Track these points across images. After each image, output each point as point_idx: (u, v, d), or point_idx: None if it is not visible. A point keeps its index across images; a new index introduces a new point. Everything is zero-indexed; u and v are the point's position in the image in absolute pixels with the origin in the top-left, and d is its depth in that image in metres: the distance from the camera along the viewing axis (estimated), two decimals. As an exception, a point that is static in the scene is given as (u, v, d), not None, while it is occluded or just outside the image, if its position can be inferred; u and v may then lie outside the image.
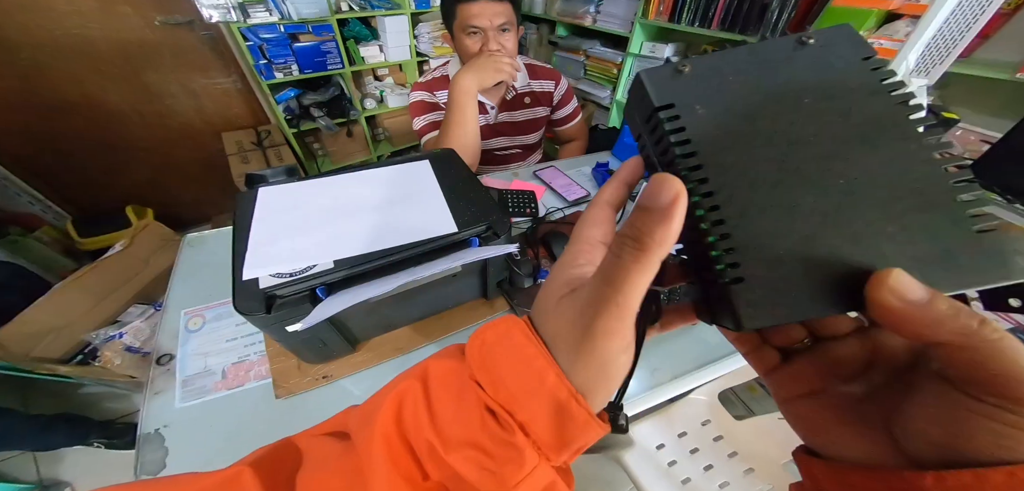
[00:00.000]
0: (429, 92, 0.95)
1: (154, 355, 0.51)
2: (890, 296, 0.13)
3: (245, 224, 0.42)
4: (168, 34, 1.58)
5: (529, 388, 0.15)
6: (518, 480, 0.15)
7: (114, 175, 1.75)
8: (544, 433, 0.15)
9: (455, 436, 0.16)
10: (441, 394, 0.17)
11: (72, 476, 1.14)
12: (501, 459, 0.15)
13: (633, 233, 0.13)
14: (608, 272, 0.14)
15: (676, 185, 0.13)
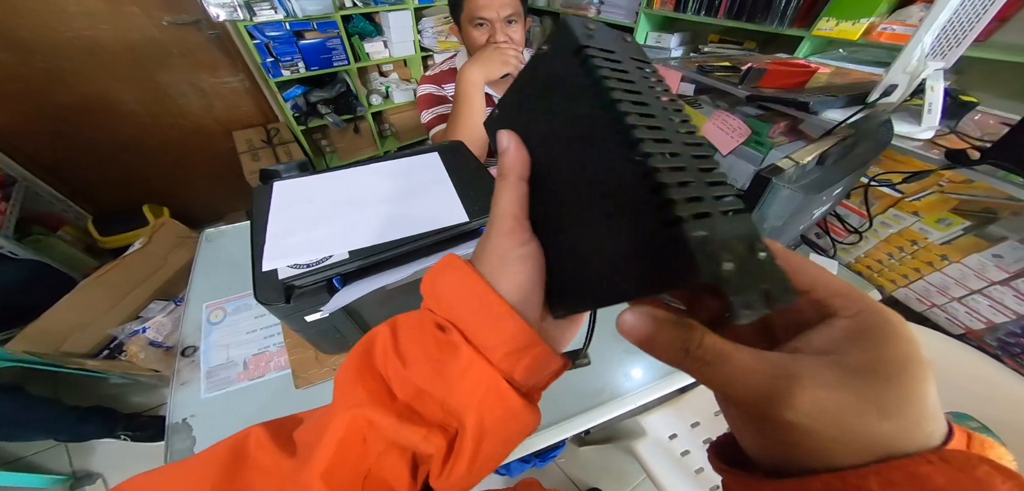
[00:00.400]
0: (437, 85, 0.96)
1: (179, 347, 0.53)
2: (628, 337, 0.15)
3: (262, 218, 0.44)
4: (176, 34, 1.60)
5: (461, 296, 0.19)
6: (458, 372, 0.18)
7: (130, 175, 1.79)
8: (478, 331, 0.18)
9: (414, 356, 0.19)
10: (404, 331, 0.20)
11: (102, 468, 1.19)
12: (445, 359, 0.18)
13: (497, 170, 0.20)
14: (493, 198, 0.20)
15: (503, 135, 0.20)
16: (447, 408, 0.18)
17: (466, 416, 0.18)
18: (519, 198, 0.19)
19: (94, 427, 1.13)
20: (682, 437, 0.81)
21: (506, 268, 0.19)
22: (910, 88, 0.72)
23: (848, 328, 0.13)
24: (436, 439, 0.18)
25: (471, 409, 0.18)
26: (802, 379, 0.12)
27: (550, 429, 0.47)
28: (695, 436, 0.81)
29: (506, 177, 0.19)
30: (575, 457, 1.20)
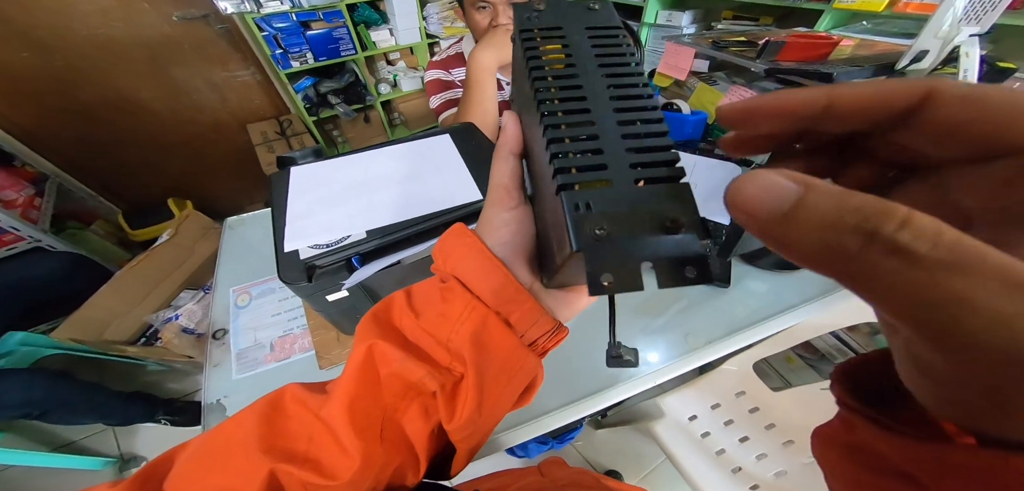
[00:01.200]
0: (444, 70, 0.95)
1: (210, 330, 0.56)
2: (740, 217, 0.09)
3: (281, 202, 0.45)
4: (186, 29, 1.62)
5: (460, 252, 0.21)
6: (457, 315, 0.20)
7: (154, 170, 1.85)
8: (472, 278, 0.21)
9: (423, 308, 0.22)
10: (417, 291, 0.23)
11: (146, 451, 1.27)
12: (446, 303, 0.21)
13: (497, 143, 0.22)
14: (491, 171, 0.22)
15: (506, 115, 0.22)
16: (452, 349, 0.20)
17: (467, 353, 0.20)
18: (509, 170, 0.21)
19: (137, 411, 1.20)
20: (702, 419, 0.79)
21: (494, 229, 0.21)
22: (942, 54, 0.68)
23: None
24: (440, 377, 0.21)
25: (469, 345, 0.20)
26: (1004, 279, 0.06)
27: (567, 408, 0.48)
28: (715, 418, 0.79)
29: (499, 151, 0.22)
30: (592, 440, 1.21)
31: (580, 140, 0.14)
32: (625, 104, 0.15)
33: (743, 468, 0.72)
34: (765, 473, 0.71)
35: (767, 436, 0.74)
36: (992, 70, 0.79)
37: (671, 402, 0.80)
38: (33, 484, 1.18)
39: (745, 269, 0.61)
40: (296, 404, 0.22)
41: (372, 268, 0.36)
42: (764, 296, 0.57)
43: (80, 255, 1.44)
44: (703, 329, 0.53)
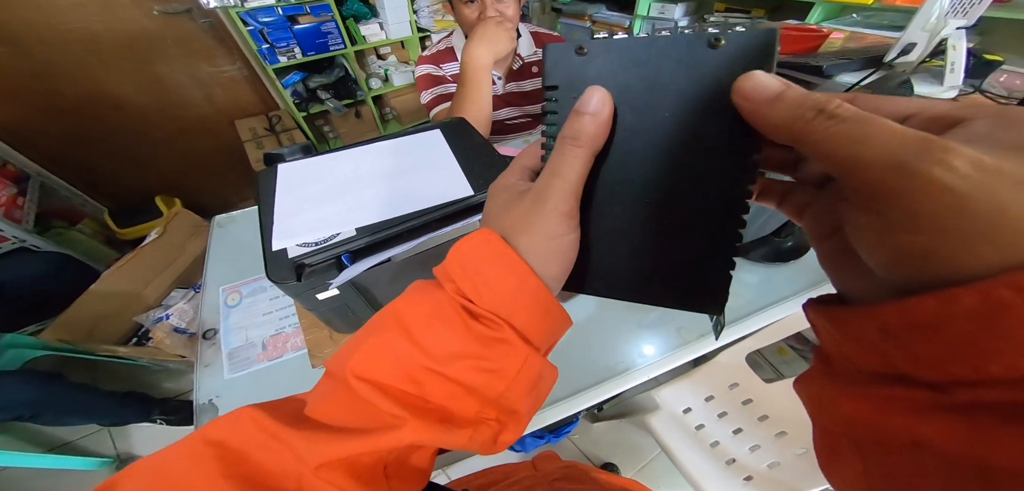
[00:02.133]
0: (435, 65, 0.94)
1: (200, 330, 0.55)
2: (740, 100, 0.14)
3: (269, 199, 0.44)
4: (168, 24, 1.58)
5: (511, 289, 0.17)
6: (516, 369, 0.18)
7: (141, 168, 1.81)
8: (528, 327, 0.18)
9: (449, 353, 0.17)
10: (423, 328, 0.18)
11: (142, 451, 1.26)
12: (497, 355, 0.17)
13: (571, 133, 0.17)
14: (554, 165, 0.17)
15: (601, 93, 0.17)
16: (503, 403, 0.18)
17: (520, 405, 0.19)
18: (586, 175, 0.17)
19: (132, 411, 1.19)
20: (696, 411, 0.80)
21: (554, 252, 0.18)
22: (929, 47, 0.69)
23: (991, 122, 0.10)
24: (483, 433, 0.18)
25: (524, 398, 0.19)
26: (962, 144, 0.09)
27: (564, 402, 0.48)
28: (710, 410, 0.80)
29: (583, 146, 0.17)
30: (589, 433, 1.22)
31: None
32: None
33: (737, 460, 0.73)
34: (759, 465, 0.72)
35: (760, 428, 0.75)
36: (979, 62, 0.81)
37: (665, 395, 0.81)
38: (29, 485, 1.16)
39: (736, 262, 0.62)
40: (264, 437, 0.18)
41: (361, 266, 0.36)
42: (756, 288, 0.58)
43: (66, 255, 1.41)
44: (696, 322, 0.54)
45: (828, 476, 0.16)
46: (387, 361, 0.18)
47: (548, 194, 0.17)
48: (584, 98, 0.17)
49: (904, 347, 0.11)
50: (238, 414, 0.18)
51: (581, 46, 0.17)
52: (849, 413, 0.13)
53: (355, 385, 0.18)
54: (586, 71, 0.17)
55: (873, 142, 0.10)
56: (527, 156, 0.21)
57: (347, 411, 0.18)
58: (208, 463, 0.16)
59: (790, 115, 0.12)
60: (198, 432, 0.18)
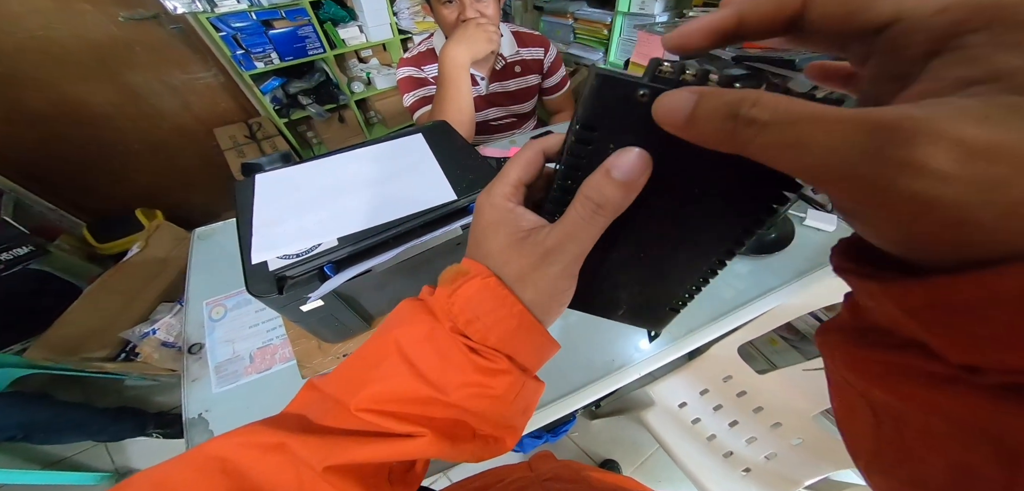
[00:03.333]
0: (416, 67, 0.93)
1: (185, 345, 0.53)
2: (668, 119, 0.12)
3: (247, 211, 0.43)
4: (135, 30, 1.52)
5: (508, 327, 0.18)
6: (515, 394, 0.20)
7: (118, 180, 1.75)
8: (523, 357, 0.20)
9: (450, 382, 0.18)
10: (425, 358, 0.19)
11: (141, 465, 1.24)
12: (498, 384, 0.19)
13: (598, 198, 0.15)
14: (571, 228, 0.17)
15: (643, 160, 0.14)
16: (504, 423, 0.20)
17: (518, 421, 0.21)
18: (599, 236, 0.17)
19: (127, 426, 1.17)
20: (692, 405, 0.80)
21: (557, 304, 0.19)
22: None
23: (992, 34, 0.08)
24: (483, 448, 0.20)
25: (521, 415, 0.21)
26: (935, 119, 0.07)
27: (560, 401, 0.48)
28: (705, 403, 0.80)
29: (607, 215, 0.16)
30: (588, 430, 1.22)
31: None
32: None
33: (734, 452, 0.73)
34: (756, 456, 0.72)
35: (755, 419, 0.75)
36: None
37: (660, 390, 0.81)
38: (25, 503, 1.13)
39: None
40: (266, 450, 0.18)
41: (342, 278, 0.35)
42: (745, 279, 0.59)
43: (44, 272, 1.36)
44: (685, 316, 0.55)
45: (842, 430, 0.16)
46: (396, 397, 0.19)
47: (560, 257, 0.17)
48: (623, 162, 0.14)
49: (928, 322, 0.10)
50: (244, 431, 0.19)
51: (642, 90, 0.13)
52: (869, 373, 0.13)
53: (364, 417, 0.19)
54: (631, 118, 0.14)
55: (814, 149, 0.09)
56: (520, 168, 0.19)
57: (355, 425, 0.19)
58: (213, 477, 0.17)
59: (715, 131, 0.11)
60: (200, 447, 0.18)
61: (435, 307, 0.19)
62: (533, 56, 0.99)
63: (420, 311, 0.20)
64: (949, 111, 0.07)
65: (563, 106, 1.11)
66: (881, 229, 0.10)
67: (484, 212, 0.20)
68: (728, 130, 0.10)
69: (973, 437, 0.10)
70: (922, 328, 0.10)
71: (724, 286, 0.58)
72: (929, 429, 0.11)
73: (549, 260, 0.17)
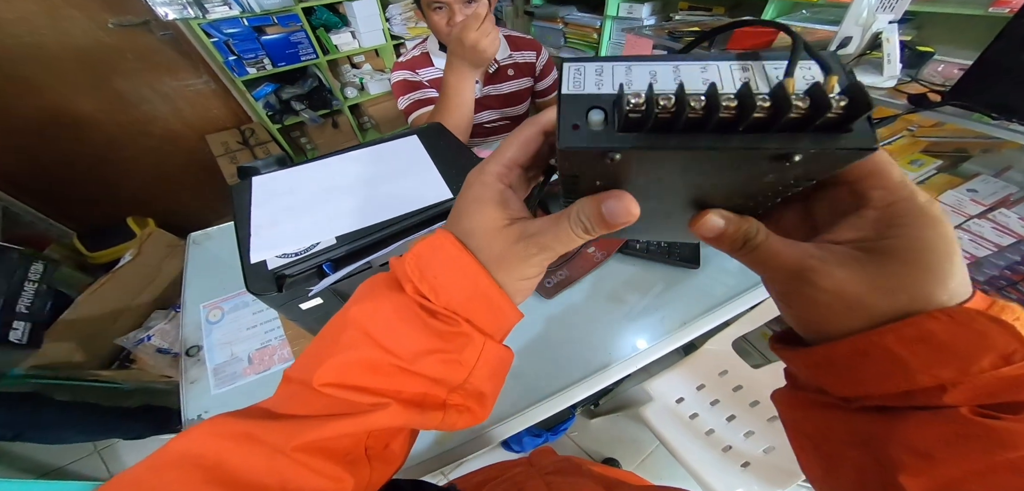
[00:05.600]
0: (411, 70, 0.94)
1: (182, 348, 0.54)
2: (705, 231, 0.18)
3: (244, 212, 0.43)
4: (125, 37, 1.51)
5: (466, 290, 0.19)
6: (476, 357, 0.20)
7: (109, 188, 1.72)
8: (484, 321, 0.20)
9: (409, 347, 0.19)
10: (382, 325, 0.19)
11: None
12: (456, 348, 0.19)
13: (586, 222, 0.17)
14: (557, 233, 0.18)
15: (630, 209, 0.16)
16: (468, 388, 0.20)
17: (485, 387, 0.21)
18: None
19: (143, 424, 1.15)
20: (689, 400, 0.80)
21: (525, 289, 0.20)
22: (865, 39, 0.75)
23: (877, 219, 0.15)
24: (453, 416, 0.20)
25: (487, 381, 0.21)
26: (826, 263, 0.15)
27: (555, 397, 0.49)
28: (702, 398, 0.80)
29: (589, 236, 0.18)
30: (587, 429, 1.21)
31: None
32: None
33: (733, 446, 0.74)
34: (754, 450, 0.73)
35: (752, 413, 0.76)
36: (913, 54, 0.88)
37: (657, 386, 0.82)
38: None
39: (715, 250, 0.64)
40: (238, 440, 0.17)
41: (341, 273, 0.36)
42: (735, 273, 0.60)
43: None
44: (678, 311, 0.56)
45: (800, 463, 0.21)
46: (359, 369, 0.19)
47: (542, 257, 0.19)
48: (614, 207, 0.16)
49: (815, 371, 0.18)
50: (209, 423, 0.18)
51: (611, 155, 0.14)
52: (794, 410, 0.21)
53: (326, 391, 0.18)
54: (604, 167, 0.15)
55: (771, 266, 0.17)
56: (517, 147, 0.19)
57: (321, 407, 0.19)
58: (188, 471, 0.16)
59: (730, 244, 0.18)
60: (171, 444, 0.17)
61: (396, 270, 0.20)
62: (525, 59, 1.00)
63: (379, 282, 0.21)
64: (833, 256, 0.15)
65: None
66: (795, 313, 0.18)
67: (473, 187, 0.20)
68: (738, 247, 0.18)
69: (856, 443, 0.17)
70: (816, 376, 0.18)
71: (711, 282, 0.60)
72: (836, 443, 0.18)
73: (527, 259, 0.19)
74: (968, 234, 0.70)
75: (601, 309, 0.57)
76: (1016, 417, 0.13)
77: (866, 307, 0.15)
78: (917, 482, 0.14)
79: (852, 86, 0.12)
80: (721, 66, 0.15)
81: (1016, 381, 0.13)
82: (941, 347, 0.13)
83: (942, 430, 0.14)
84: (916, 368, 0.14)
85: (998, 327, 0.13)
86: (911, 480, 0.14)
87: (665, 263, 0.62)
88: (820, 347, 0.17)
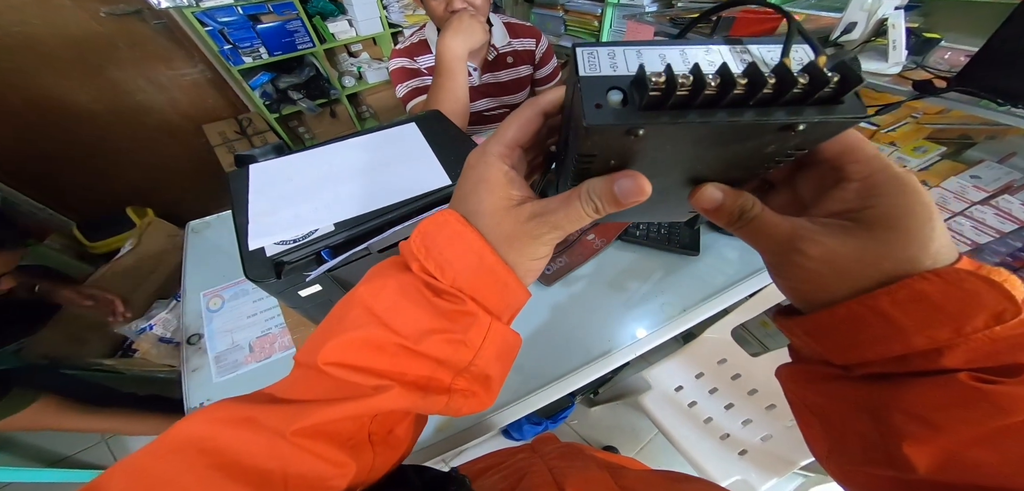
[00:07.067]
0: (409, 58, 0.93)
1: (183, 336, 0.54)
2: (704, 203, 0.19)
3: (242, 200, 0.43)
4: (118, 26, 1.49)
5: (471, 266, 0.18)
6: (482, 337, 0.19)
7: (107, 178, 1.72)
8: (490, 300, 0.19)
9: (414, 327, 0.18)
10: (387, 303, 0.19)
11: None
12: (462, 327, 0.18)
13: (597, 201, 0.17)
14: (568, 212, 0.18)
15: (641, 187, 0.16)
16: (474, 371, 0.19)
17: (491, 370, 0.20)
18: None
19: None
20: (688, 388, 0.80)
21: (534, 270, 0.20)
22: (870, 24, 0.74)
23: (858, 189, 0.16)
24: (458, 400, 0.19)
25: (493, 363, 0.20)
26: (816, 232, 0.16)
27: (556, 383, 0.49)
28: (701, 387, 0.80)
29: (599, 213, 0.18)
30: (587, 418, 1.23)
31: None
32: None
33: (731, 434, 0.74)
34: (752, 438, 0.73)
35: (750, 402, 0.76)
36: (919, 40, 0.86)
37: (656, 374, 0.82)
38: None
39: (714, 237, 0.64)
40: (239, 424, 0.17)
41: (339, 258, 0.36)
42: (734, 262, 0.60)
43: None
44: (677, 298, 0.56)
45: (806, 440, 0.21)
46: (362, 347, 0.18)
47: (550, 230, 0.18)
48: (626, 186, 0.16)
49: (816, 340, 0.18)
50: (210, 408, 0.18)
51: (635, 131, 0.14)
52: (799, 383, 0.21)
53: (330, 371, 0.18)
54: (625, 144, 0.15)
55: (766, 235, 0.18)
56: (517, 128, 0.19)
57: (324, 391, 0.18)
58: (191, 456, 0.16)
59: (727, 217, 0.19)
60: (174, 429, 0.17)
61: (403, 250, 0.20)
62: (525, 47, 0.99)
63: (388, 264, 0.21)
64: (822, 227, 0.16)
65: None
66: (789, 283, 0.18)
67: (476, 168, 0.19)
68: (735, 219, 0.19)
69: (860, 412, 0.17)
70: (817, 344, 0.18)
71: (710, 270, 0.60)
72: (840, 415, 0.18)
73: (536, 237, 0.19)
74: (970, 220, 0.69)
75: (601, 296, 0.57)
76: (1014, 380, 0.13)
77: (854, 273, 0.15)
78: (921, 451, 0.14)
79: (841, 65, 0.13)
80: (723, 49, 0.16)
81: (1011, 342, 0.13)
82: (935, 308, 0.14)
83: (941, 396, 0.14)
84: (911, 330, 0.14)
85: (988, 286, 0.13)
86: (915, 448, 0.14)
87: (665, 250, 0.61)
88: (817, 314, 0.17)
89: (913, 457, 0.14)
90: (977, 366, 0.14)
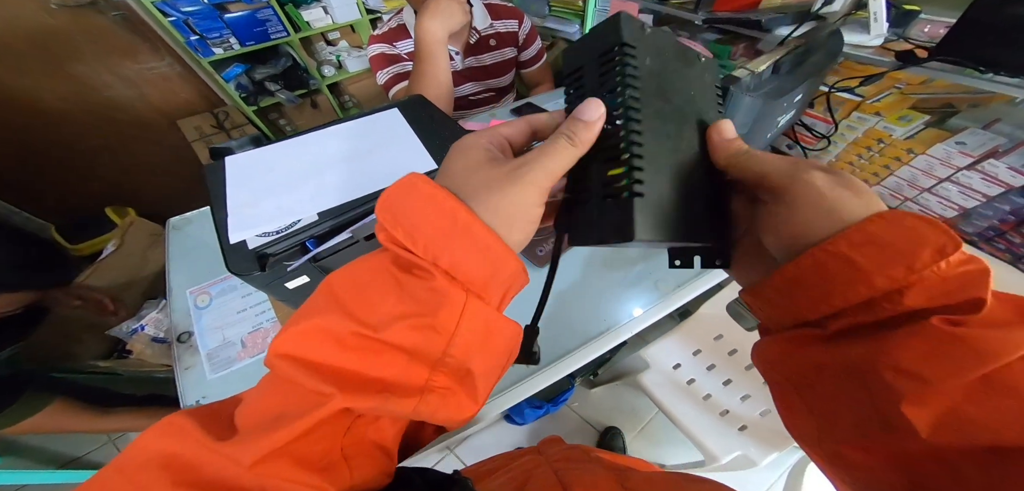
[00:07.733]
0: (388, 43, 0.90)
1: (173, 335, 0.53)
2: (715, 134, 0.22)
3: (219, 193, 0.41)
4: (72, 18, 1.40)
5: (443, 229, 0.16)
6: (455, 320, 0.16)
7: (82, 178, 1.64)
8: (469, 269, 0.16)
9: (381, 317, 0.16)
10: (354, 295, 0.17)
11: None
12: (431, 309, 0.16)
13: (568, 132, 0.18)
14: (546, 150, 0.18)
15: (601, 107, 0.19)
16: (450, 363, 0.16)
17: (473, 363, 0.17)
18: (568, 169, 0.19)
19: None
20: (686, 366, 0.80)
21: (519, 217, 0.18)
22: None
23: (826, 174, 0.18)
24: (432, 401, 0.16)
25: (475, 355, 0.17)
26: (809, 169, 0.18)
27: (553, 366, 0.49)
28: (698, 364, 0.80)
29: (578, 146, 0.19)
30: (587, 400, 1.23)
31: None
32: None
33: (730, 410, 0.74)
34: (751, 413, 0.73)
35: (748, 377, 0.77)
36: (899, 12, 0.87)
37: (654, 352, 0.82)
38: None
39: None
40: (198, 446, 0.15)
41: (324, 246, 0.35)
42: None
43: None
44: (671, 275, 0.56)
45: (788, 426, 0.21)
46: (316, 337, 0.16)
47: (531, 168, 0.18)
48: (584, 107, 0.19)
49: (788, 297, 0.18)
50: (169, 421, 0.16)
51: (644, 26, 0.21)
52: (777, 356, 0.20)
53: (277, 365, 0.16)
54: (644, 46, 0.20)
55: (769, 167, 0.19)
56: (511, 129, 0.21)
57: (279, 399, 0.17)
58: (154, 472, 0.15)
59: (734, 151, 0.21)
60: (139, 441, 0.16)
61: (378, 228, 0.18)
62: (507, 28, 0.96)
63: (365, 256, 0.19)
64: (816, 166, 0.18)
65: (541, 79, 1.09)
66: (782, 224, 0.19)
67: (457, 147, 0.20)
68: (740, 155, 0.21)
69: (844, 375, 0.16)
70: (789, 302, 0.18)
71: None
72: (827, 383, 0.17)
73: (518, 171, 0.18)
74: (957, 185, 0.70)
75: (595, 274, 0.57)
76: (982, 320, 0.14)
77: (838, 212, 0.16)
78: (921, 411, 0.14)
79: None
80: None
81: (961, 280, 0.14)
82: (885, 246, 0.15)
83: (921, 346, 0.14)
84: (870, 270, 0.15)
85: (925, 223, 0.15)
86: (914, 409, 0.14)
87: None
88: (788, 264, 0.17)
89: (914, 418, 0.14)
90: (937, 305, 0.14)
